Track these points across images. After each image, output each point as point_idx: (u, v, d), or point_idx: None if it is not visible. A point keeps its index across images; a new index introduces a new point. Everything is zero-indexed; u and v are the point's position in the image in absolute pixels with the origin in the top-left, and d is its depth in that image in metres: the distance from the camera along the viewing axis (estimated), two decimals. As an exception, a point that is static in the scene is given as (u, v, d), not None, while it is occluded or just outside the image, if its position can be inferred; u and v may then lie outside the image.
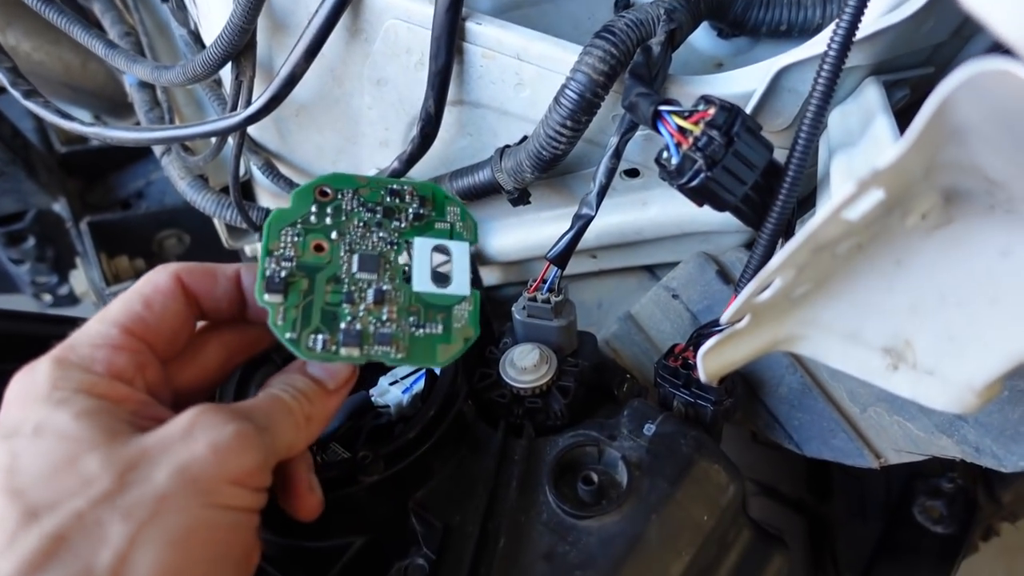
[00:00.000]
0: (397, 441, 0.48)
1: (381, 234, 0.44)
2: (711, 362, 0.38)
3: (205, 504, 0.32)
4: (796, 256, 0.31)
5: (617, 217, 0.64)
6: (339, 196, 0.44)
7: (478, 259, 0.75)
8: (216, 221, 0.78)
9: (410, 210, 0.46)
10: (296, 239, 0.42)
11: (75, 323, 0.48)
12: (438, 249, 0.44)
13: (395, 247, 0.43)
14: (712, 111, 0.42)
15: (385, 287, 0.41)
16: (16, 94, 0.68)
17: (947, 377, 0.38)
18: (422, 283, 0.43)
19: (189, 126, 0.62)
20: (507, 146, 0.60)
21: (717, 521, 0.49)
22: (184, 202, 0.80)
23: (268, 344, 0.46)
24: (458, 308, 0.43)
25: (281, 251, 0.41)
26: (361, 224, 0.43)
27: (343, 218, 0.43)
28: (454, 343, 0.42)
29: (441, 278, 0.44)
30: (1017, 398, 0.49)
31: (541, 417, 0.53)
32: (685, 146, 0.43)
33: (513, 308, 0.57)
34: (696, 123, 0.43)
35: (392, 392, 0.60)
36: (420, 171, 0.67)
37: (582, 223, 0.54)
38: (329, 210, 0.43)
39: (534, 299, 0.55)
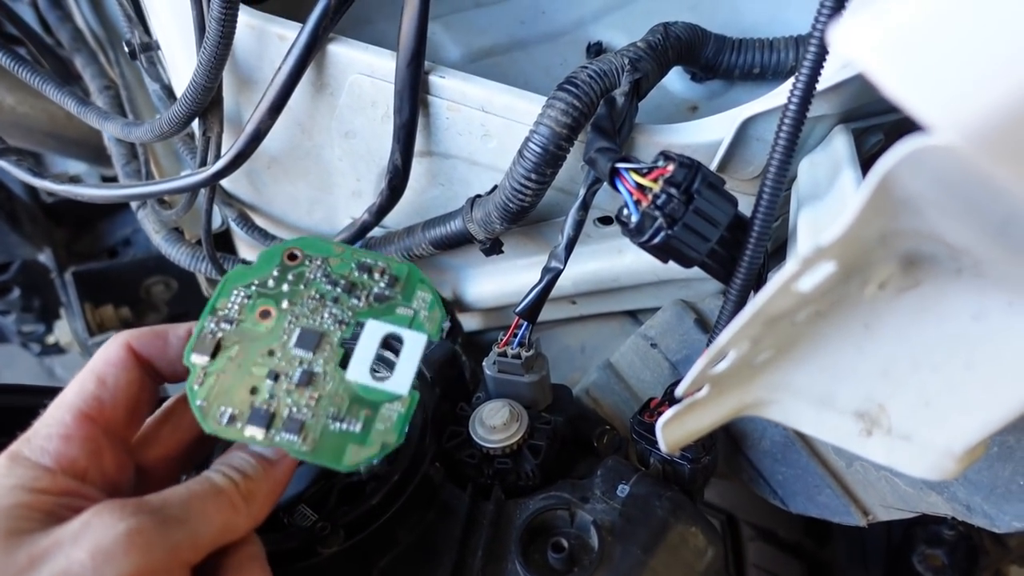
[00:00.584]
0: (358, 509, 0.46)
1: (334, 310, 0.40)
2: (671, 433, 0.36)
3: None
4: (747, 330, 0.30)
5: (593, 264, 0.63)
6: (306, 263, 0.42)
7: (456, 305, 0.74)
8: (198, 276, 0.78)
9: (375, 289, 0.42)
10: (245, 301, 0.40)
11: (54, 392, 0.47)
12: (391, 337, 0.40)
13: (344, 326, 0.40)
14: (671, 167, 0.41)
15: (316, 369, 0.38)
16: (-10, 153, 0.68)
17: (924, 442, 0.36)
18: (358, 372, 0.39)
19: (158, 183, 0.62)
20: (478, 196, 0.59)
21: (695, 587, 0.47)
22: None
23: None
24: (387, 407, 0.38)
25: (226, 311, 0.39)
26: (317, 296, 0.41)
27: (301, 287, 0.41)
28: (369, 447, 0.37)
29: (382, 366, 0.40)
30: (1007, 454, 0.47)
31: (512, 478, 0.51)
32: (644, 204, 0.42)
33: (484, 363, 0.55)
34: (655, 180, 0.41)
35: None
36: (394, 221, 0.66)
37: (551, 276, 0.53)
38: (290, 276, 0.42)
39: (504, 354, 0.54)
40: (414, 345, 0.40)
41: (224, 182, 0.70)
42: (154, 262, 1.01)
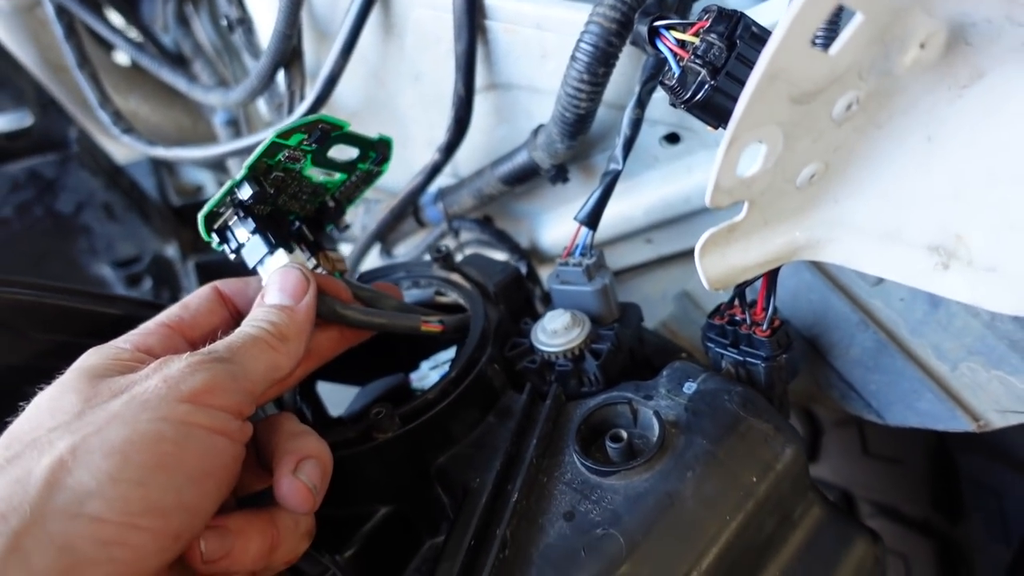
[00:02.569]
0: (415, 401, 0.46)
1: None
2: (712, 264, 0.34)
3: (152, 419, 0.33)
4: (766, 99, 0.28)
5: (663, 189, 0.61)
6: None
7: (533, 255, 0.74)
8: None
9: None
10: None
11: (152, 307, 0.52)
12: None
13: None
14: (710, 19, 0.40)
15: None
16: (115, 131, 0.77)
17: (1014, 273, 0.32)
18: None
19: (247, 137, 0.67)
20: (542, 125, 0.60)
21: (771, 487, 0.43)
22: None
23: (329, 352, 0.48)
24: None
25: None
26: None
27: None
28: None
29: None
30: None
31: (574, 383, 0.50)
32: (686, 59, 0.40)
33: (547, 277, 0.54)
34: (695, 34, 0.40)
35: (431, 377, 0.59)
36: (466, 164, 0.68)
37: (610, 179, 0.52)
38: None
39: (566, 264, 0.53)
40: None
41: (312, 144, 0.75)
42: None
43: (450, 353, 0.60)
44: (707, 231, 0.33)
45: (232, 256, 0.46)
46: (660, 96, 0.54)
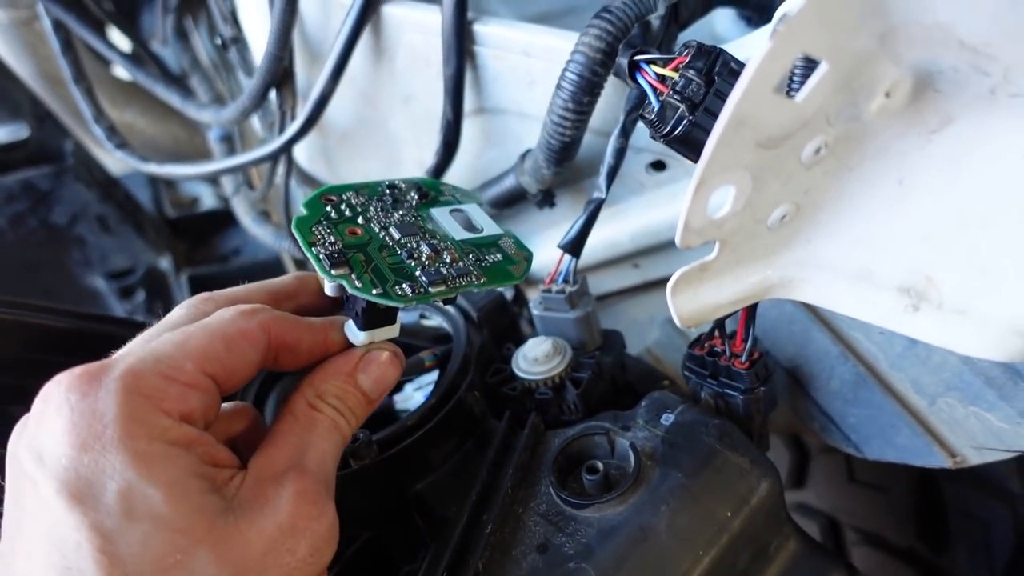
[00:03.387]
0: (393, 427, 0.46)
1: (400, 212, 0.44)
2: (684, 302, 0.34)
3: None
4: (733, 144, 0.28)
5: (648, 215, 0.61)
6: (343, 197, 0.44)
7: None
8: (283, 255, 0.83)
9: (412, 193, 0.46)
10: (328, 230, 0.41)
11: (137, 326, 0.51)
12: (455, 212, 0.45)
13: (420, 218, 0.44)
14: (689, 54, 0.40)
15: (433, 242, 0.42)
16: (109, 146, 0.77)
17: (982, 316, 0.32)
18: (461, 235, 0.43)
19: (242, 155, 0.68)
20: (529, 149, 0.60)
21: (746, 522, 0.43)
22: (273, 258, 0.85)
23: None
24: (503, 242, 0.44)
25: (323, 239, 0.40)
26: (380, 209, 0.44)
27: (360, 209, 0.43)
28: (519, 263, 0.42)
29: (473, 229, 0.44)
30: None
31: (554, 411, 0.50)
32: (665, 93, 0.41)
33: (530, 302, 0.55)
34: (675, 68, 0.40)
35: (415, 398, 0.59)
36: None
37: (593, 207, 0.52)
38: (343, 207, 0.44)
39: (549, 291, 0.53)
40: (475, 210, 0.46)
41: (303, 162, 0.76)
42: (260, 269, 1.09)
43: (434, 375, 0.60)
44: (678, 270, 0.33)
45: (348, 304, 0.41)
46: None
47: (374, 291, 0.37)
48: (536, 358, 0.50)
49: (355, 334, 0.40)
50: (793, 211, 0.33)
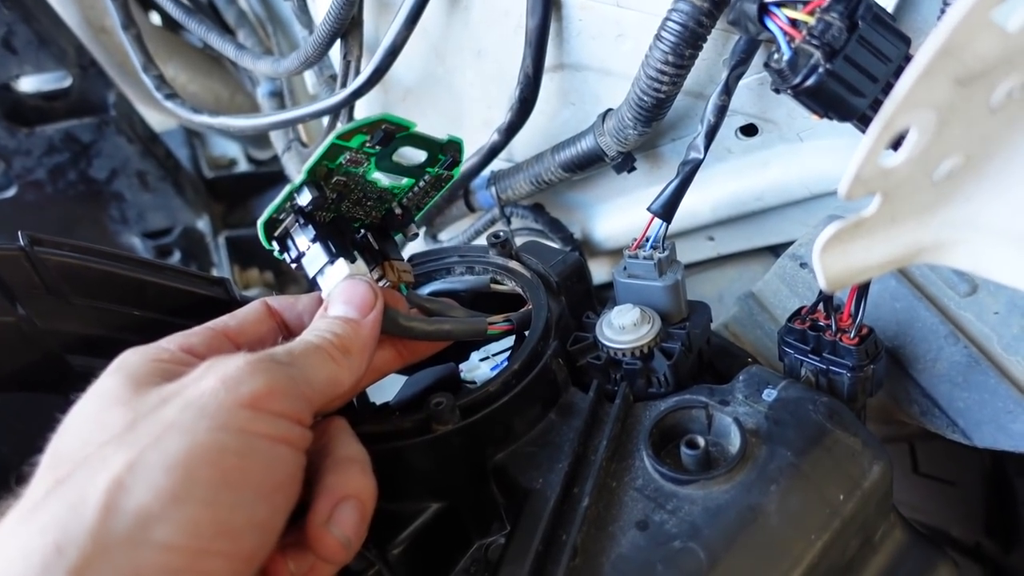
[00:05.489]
0: (476, 393, 0.43)
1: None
2: (833, 262, 0.31)
3: (212, 428, 0.31)
4: (933, 77, 0.25)
5: (734, 184, 0.58)
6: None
7: (585, 247, 0.71)
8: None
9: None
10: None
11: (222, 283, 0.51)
12: None
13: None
14: (829, -2, 0.37)
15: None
16: (158, 96, 0.74)
17: None
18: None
19: (302, 107, 0.65)
20: (610, 109, 0.57)
21: (858, 505, 0.40)
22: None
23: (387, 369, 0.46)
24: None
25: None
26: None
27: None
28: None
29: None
30: None
31: (641, 382, 0.47)
32: (798, 39, 0.37)
33: (613, 270, 0.52)
34: (811, 13, 0.37)
35: (482, 368, 0.56)
36: (524, 147, 0.65)
37: (689, 168, 0.49)
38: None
39: (635, 257, 0.50)
40: None
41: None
42: (297, 234, 1.05)
43: (502, 344, 0.57)
44: (831, 225, 0.30)
45: (293, 265, 0.44)
46: (741, 84, 0.51)
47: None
48: (623, 326, 0.48)
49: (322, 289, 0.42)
50: (962, 163, 0.30)
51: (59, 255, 0.46)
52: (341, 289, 0.41)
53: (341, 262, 0.42)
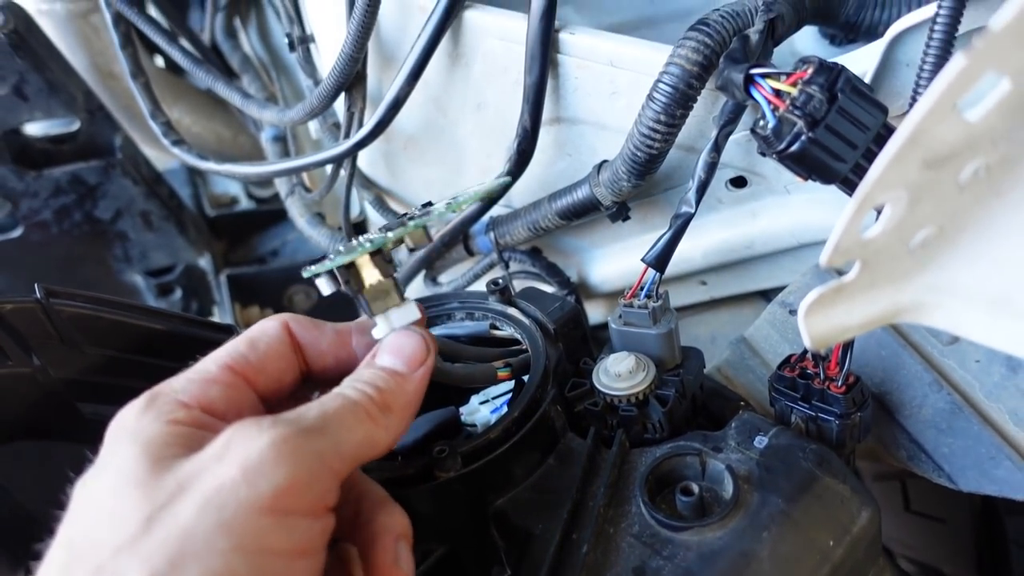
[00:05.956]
0: (477, 440, 0.45)
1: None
2: (816, 323, 0.33)
3: (228, 550, 0.28)
4: (904, 165, 0.27)
5: (725, 232, 0.61)
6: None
7: (582, 290, 0.73)
8: (331, 259, 0.82)
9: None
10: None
11: (231, 331, 0.50)
12: None
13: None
14: (811, 69, 0.39)
15: None
16: (166, 143, 0.77)
17: None
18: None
19: (307, 156, 0.67)
20: (605, 161, 0.59)
21: (847, 551, 0.41)
22: (315, 260, 0.84)
23: None
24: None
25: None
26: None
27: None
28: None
29: None
30: None
31: (637, 428, 0.48)
32: (782, 109, 0.40)
33: (609, 318, 0.53)
34: (793, 84, 0.39)
35: (481, 412, 0.58)
36: (522, 195, 0.67)
37: (681, 222, 0.51)
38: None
39: (630, 305, 0.52)
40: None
41: (364, 167, 0.75)
42: (298, 271, 1.07)
43: (500, 388, 0.59)
44: (814, 291, 0.32)
45: (355, 297, 0.40)
46: (730, 139, 0.53)
47: (331, 255, 0.38)
48: (619, 373, 0.49)
49: (375, 330, 0.40)
50: (935, 234, 0.32)
51: (73, 306, 0.47)
52: (393, 338, 0.39)
53: (412, 305, 0.40)
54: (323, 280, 0.39)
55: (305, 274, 0.39)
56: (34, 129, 0.90)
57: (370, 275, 0.39)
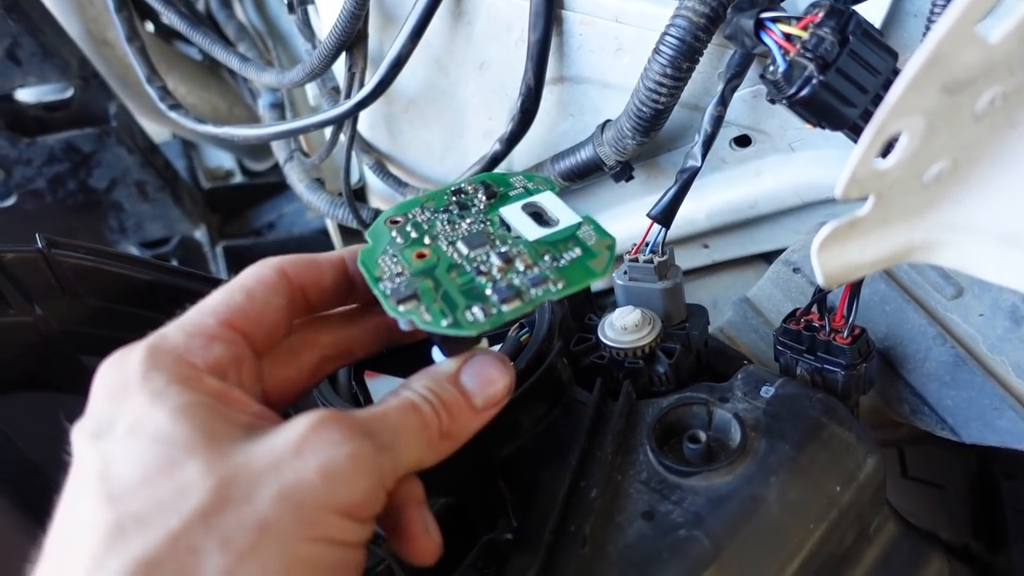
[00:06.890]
0: (483, 390, 0.45)
1: (468, 220, 0.41)
2: (830, 259, 0.33)
3: (309, 537, 0.29)
4: (922, 85, 0.27)
5: (728, 193, 0.60)
6: (409, 216, 0.42)
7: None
8: (329, 224, 0.81)
9: (480, 195, 0.43)
10: (395, 258, 0.39)
11: (212, 282, 0.49)
12: (527, 207, 0.42)
13: (489, 223, 0.41)
14: (821, 13, 0.39)
15: (504, 249, 0.39)
16: (162, 107, 0.76)
17: None
18: (534, 233, 0.39)
19: (307, 117, 0.66)
20: (609, 120, 0.59)
21: (854, 496, 0.42)
22: (310, 232, 0.84)
23: (364, 350, 0.43)
24: (582, 232, 0.40)
25: (389, 271, 0.38)
26: (446, 223, 0.41)
27: (426, 227, 0.41)
28: (600, 255, 0.39)
29: (547, 223, 0.41)
30: None
31: (643, 381, 0.48)
32: (793, 53, 0.39)
33: (614, 274, 0.53)
34: (804, 28, 0.39)
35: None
36: (523, 158, 0.67)
37: (687, 176, 0.51)
38: (409, 228, 0.42)
39: (636, 260, 0.52)
40: (549, 199, 0.42)
41: (364, 130, 0.74)
42: (294, 243, 1.07)
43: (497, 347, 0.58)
44: (828, 224, 0.32)
45: None
46: (735, 96, 0.53)
47: (444, 322, 0.35)
48: (625, 327, 0.49)
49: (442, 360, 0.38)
50: (949, 168, 0.32)
51: (75, 257, 0.47)
52: (486, 363, 0.37)
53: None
54: (403, 323, 0.37)
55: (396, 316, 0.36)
56: (27, 96, 0.89)
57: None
